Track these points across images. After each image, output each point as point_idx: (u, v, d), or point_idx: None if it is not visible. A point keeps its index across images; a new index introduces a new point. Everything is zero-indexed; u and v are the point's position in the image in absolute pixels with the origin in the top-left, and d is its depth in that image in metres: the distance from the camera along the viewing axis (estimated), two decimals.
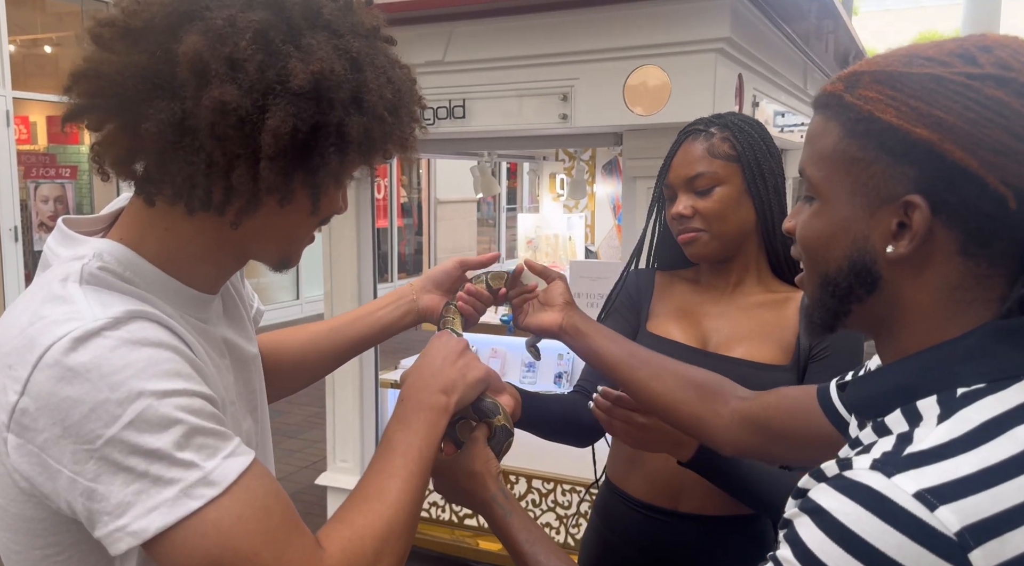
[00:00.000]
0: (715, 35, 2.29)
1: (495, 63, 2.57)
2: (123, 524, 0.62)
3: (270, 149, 0.67)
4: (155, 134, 0.66)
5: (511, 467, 3.18)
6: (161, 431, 0.62)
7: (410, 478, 0.75)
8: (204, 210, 0.71)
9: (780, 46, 3.01)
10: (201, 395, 0.67)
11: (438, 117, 2.69)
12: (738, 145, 1.26)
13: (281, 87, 0.67)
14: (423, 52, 2.64)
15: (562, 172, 4.30)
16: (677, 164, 1.29)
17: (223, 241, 0.76)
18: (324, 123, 0.69)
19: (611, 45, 2.40)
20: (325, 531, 0.70)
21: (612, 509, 1.35)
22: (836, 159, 0.65)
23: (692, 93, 2.33)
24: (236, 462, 0.65)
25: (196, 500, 0.62)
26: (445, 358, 0.90)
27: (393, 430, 0.81)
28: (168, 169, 0.69)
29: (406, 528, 0.73)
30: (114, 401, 0.61)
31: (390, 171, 9.96)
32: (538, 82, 2.53)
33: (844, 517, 0.56)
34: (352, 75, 0.70)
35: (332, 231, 3.14)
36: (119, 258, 0.72)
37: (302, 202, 0.74)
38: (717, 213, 1.25)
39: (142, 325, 0.67)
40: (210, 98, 0.65)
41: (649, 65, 2.37)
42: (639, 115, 2.40)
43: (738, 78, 2.58)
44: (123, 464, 0.61)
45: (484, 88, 2.61)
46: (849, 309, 0.68)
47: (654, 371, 1.07)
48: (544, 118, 2.54)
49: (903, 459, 0.57)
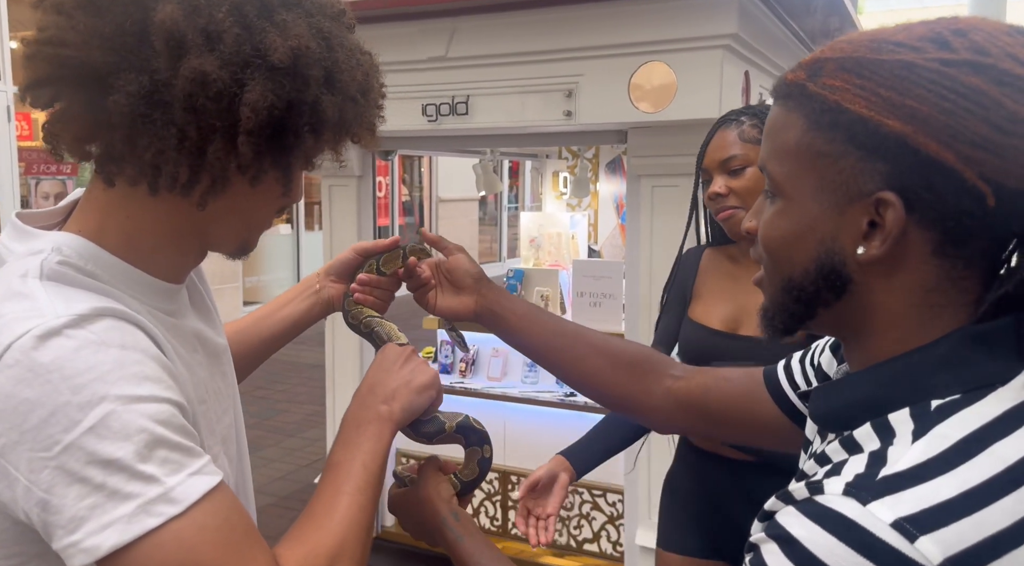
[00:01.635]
0: (722, 31, 2.26)
1: (499, 59, 2.54)
2: (76, 540, 0.58)
3: (249, 123, 0.65)
4: (124, 107, 0.63)
5: (513, 468, 3.15)
6: (123, 440, 0.58)
7: (356, 493, 0.73)
8: (169, 190, 0.68)
9: (786, 43, 2.98)
10: (172, 402, 0.63)
11: (441, 114, 2.66)
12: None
13: (261, 61, 0.65)
14: (426, 48, 2.61)
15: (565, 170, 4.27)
16: (712, 150, 1.47)
17: (185, 226, 0.73)
18: (300, 101, 0.67)
19: (616, 41, 2.37)
20: (279, 550, 0.68)
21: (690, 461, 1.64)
22: (800, 154, 0.60)
23: (698, 90, 2.30)
24: (202, 481, 0.62)
25: (154, 518, 0.58)
26: (388, 369, 0.87)
27: (334, 451, 0.79)
28: (135, 145, 0.65)
29: (358, 542, 0.71)
30: (75, 405, 0.58)
31: (392, 168, 9.94)
32: (542, 78, 2.50)
33: (815, 547, 0.52)
34: (326, 54, 0.69)
35: (333, 230, 3.11)
36: (79, 251, 0.68)
37: (272, 184, 0.72)
38: (750, 190, 1.40)
39: (110, 324, 0.63)
40: (189, 69, 0.63)
41: (655, 61, 2.34)
42: (645, 112, 2.37)
43: (744, 75, 2.55)
44: (79, 474, 0.58)
45: (487, 84, 2.58)
46: (814, 313, 0.63)
47: (581, 351, 1.01)
48: (548, 115, 2.51)
49: (878, 483, 0.52)
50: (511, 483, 3.16)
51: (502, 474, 3.17)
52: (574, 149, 4.14)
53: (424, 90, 2.66)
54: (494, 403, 3.16)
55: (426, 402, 0.88)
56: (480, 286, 1.05)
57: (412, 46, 2.63)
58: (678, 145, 2.48)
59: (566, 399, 3.04)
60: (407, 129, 2.75)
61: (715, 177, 1.45)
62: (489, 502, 3.22)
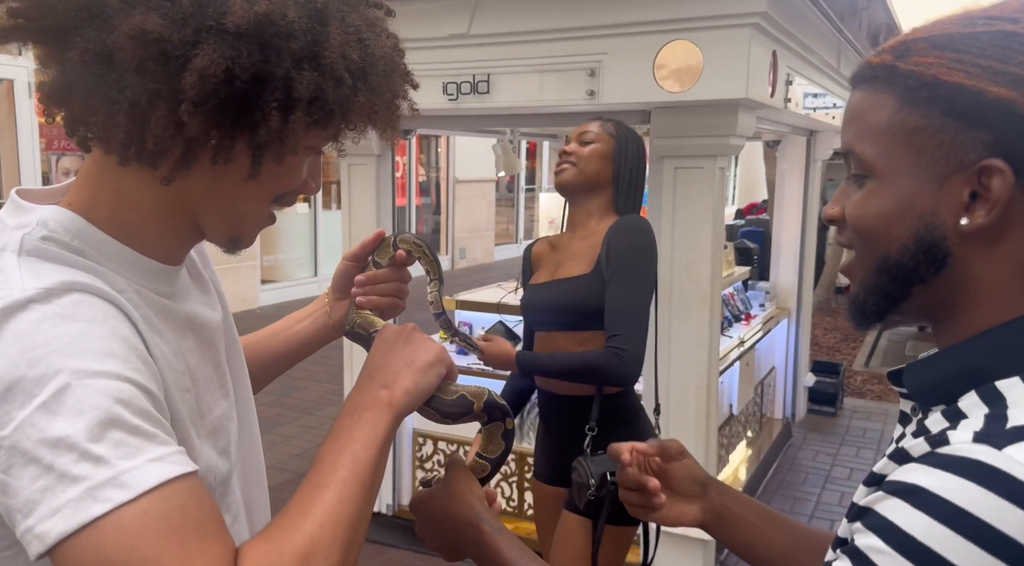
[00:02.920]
0: (751, 9, 2.20)
1: (521, 37, 2.50)
2: (30, 525, 0.53)
3: (192, 91, 0.59)
4: (79, 65, 0.60)
5: (529, 449, 3.14)
6: (75, 416, 0.54)
7: (341, 486, 0.64)
8: (136, 160, 0.64)
9: (815, 22, 2.91)
10: (135, 384, 0.58)
11: (461, 92, 2.62)
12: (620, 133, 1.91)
13: (215, 24, 0.60)
14: (447, 24, 2.57)
15: None
16: (578, 129, 1.94)
17: (173, 205, 0.69)
18: (269, 74, 0.62)
19: (641, 18, 2.32)
20: (245, 546, 0.60)
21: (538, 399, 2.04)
22: (893, 132, 0.61)
23: (725, 70, 2.25)
24: (161, 469, 0.55)
25: (100, 503, 0.53)
26: (387, 351, 0.78)
27: (323, 443, 0.70)
28: (92, 106, 0.62)
29: (336, 539, 0.61)
30: (31, 379, 0.54)
31: (409, 149, 9.90)
32: (565, 57, 2.46)
33: (951, 494, 0.50)
34: (310, 26, 0.63)
35: (352, 209, 3.10)
36: (67, 226, 0.65)
37: (242, 164, 0.66)
38: (586, 157, 1.88)
39: (78, 298, 0.59)
40: (130, 26, 0.59)
41: (681, 40, 2.29)
42: (669, 92, 2.32)
43: (772, 55, 2.49)
44: (32, 454, 0.53)
45: (509, 63, 2.54)
46: (909, 293, 0.63)
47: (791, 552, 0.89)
48: (571, 94, 2.47)
49: (1008, 431, 0.52)
50: (527, 464, 3.16)
51: (519, 455, 3.17)
52: None
53: (445, 68, 2.63)
54: None
55: (434, 381, 0.78)
56: (708, 491, 0.94)
57: (434, 23, 2.59)
58: (703, 126, 2.44)
59: None
60: (427, 108, 2.72)
61: (571, 142, 1.92)
62: (505, 483, 3.22)
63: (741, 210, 10.92)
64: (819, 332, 7.15)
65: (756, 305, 4.29)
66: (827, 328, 7.47)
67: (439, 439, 3.31)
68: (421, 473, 3.38)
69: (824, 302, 7.94)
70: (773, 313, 4.34)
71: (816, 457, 4.32)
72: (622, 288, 1.73)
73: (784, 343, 4.56)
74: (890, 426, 4.85)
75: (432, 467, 3.35)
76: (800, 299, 4.56)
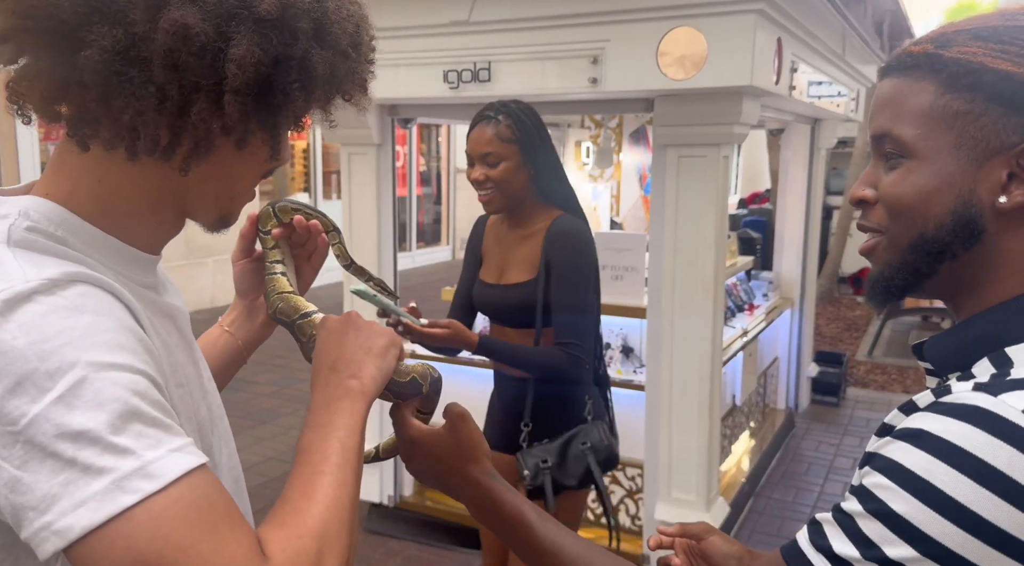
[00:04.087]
0: None
1: (523, 23, 2.46)
2: (49, 521, 0.52)
3: (236, 80, 0.60)
4: (98, 63, 0.58)
5: None
6: (95, 409, 0.53)
7: (335, 471, 0.66)
8: (149, 154, 0.63)
9: (820, 9, 2.88)
10: (147, 376, 0.58)
11: (462, 80, 2.59)
12: (517, 131, 1.82)
13: (246, 12, 0.60)
14: (448, 11, 2.54)
15: (588, 140, 4.19)
16: (473, 142, 1.86)
17: (163, 193, 0.68)
18: (288, 56, 0.63)
19: (645, 4, 2.29)
20: (261, 532, 0.61)
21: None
22: (934, 115, 0.66)
23: (730, 57, 2.22)
24: (184, 459, 0.55)
25: (130, 495, 0.52)
26: (340, 342, 0.78)
27: (303, 436, 0.71)
28: (111, 106, 0.60)
29: (343, 521, 0.64)
30: (43, 373, 0.53)
31: (409, 139, 9.86)
32: (567, 44, 2.42)
33: (950, 435, 0.56)
34: (314, 4, 0.65)
35: (352, 199, 3.07)
36: (48, 216, 0.63)
37: (259, 146, 0.67)
38: (504, 179, 1.83)
39: (83, 290, 0.58)
40: (169, 21, 0.58)
41: (685, 27, 2.26)
42: (673, 79, 2.29)
43: (777, 42, 2.46)
44: (50, 448, 0.52)
45: (511, 50, 2.51)
46: (936, 270, 0.68)
47: None
48: (573, 82, 2.44)
49: (1007, 382, 0.58)
50: None
51: None
52: (597, 118, 4.06)
53: (446, 56, 2.60)
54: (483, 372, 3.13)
55: (393, 363, 0.80)
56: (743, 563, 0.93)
57: (434, 10, 2.56)
58: (707, 114, 2.41)
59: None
60: (428, 96, 2.69)
61: (475, 164, 1.86)
62: None
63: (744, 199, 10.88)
64: (822, 322, 7.13)
65: (759, 295, 4.27)
66: (830, 318, 7.45)
67: None
68: None
69: (827, 292, 7.91)
70: (776, 303, 4.31)
71: (819, 447, 4.31)
72: (568, 295, 1.81)
73: (787, 333, 4.54)
74: None
75: None
76: (804, 289, 4.54)
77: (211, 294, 7.48)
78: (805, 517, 3.16)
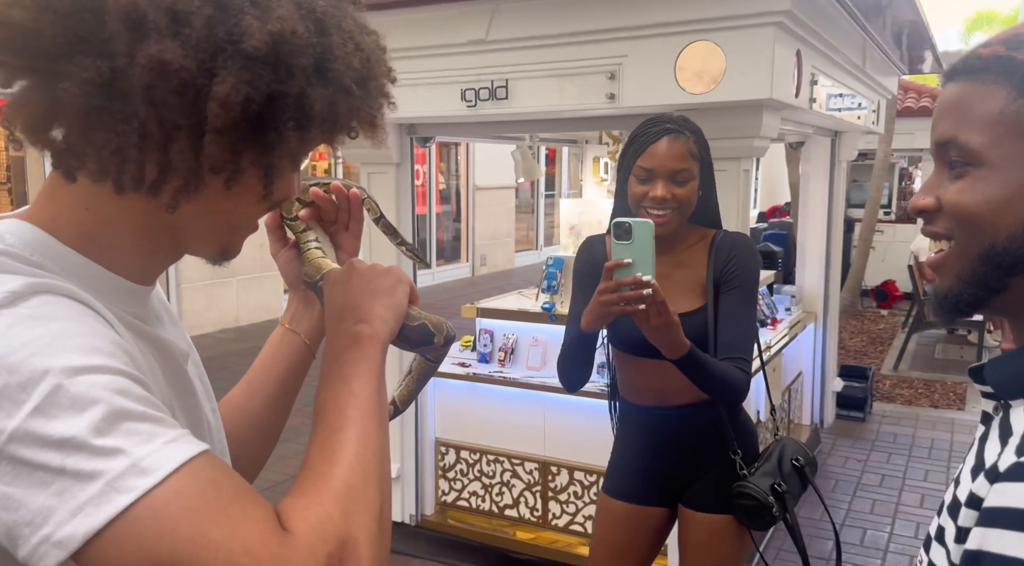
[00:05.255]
0: (774, 7, 2.16)
1: (540, 41, 2.47)
2: (47, 534, 0.50)
3: (218, 120, 0.58)
4: (76, 97, 0.56)
5: (553, 458, 3.11)
6: (75, 414, 0.51)
7: (354, 425, 0.64)
8: (135, 190, 0.60)
9: (839, 20, 2.87)
10: (127, 374, 0.55)
11: (480, 98, 2.61)
12: (702, 149, 1.70)
13: (232, 48, 0.57)
14: (465, 31, 2.56)
15: (606, 156, 4.18)
16: (664, 157, 1.64)
17: (154, 227, 0.65)
18: (282, 94, 0.60)
19: (662, 20, 2.29)
20: (282, 505, 0.59)
21: (626, 413, 1.91)
22: (1006, 122, 0.63)
23: (748, 70, 2.21)
24: (181, 449, 0.53)
25: (125, 494, 0.50)
26: (344, 292, 0.74)
27: (318, 394, 0.68)
28: (92, 139, 0.58)
29: (369, 476, 0.61)
30: (15, 386, 0.51)
31: (429, 157, 9.93)
32: (585, 60, 2.43)
33: None
34: (316, 39, 0.61)
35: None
36: (25, 240, 0.61)
37: (252, 185, 0.64)
38: (689, 200, 1.68)
39: (47, 299, 0.56)
40: (146, 56, 0.56)
41: (703, 41, 2.26)
42: (692, 94, 2.29)
43: (796, 54, 2.45)
44: (36, 461, 0.50)
45: (528, 67, 2.52)
46: (1007, 284, 0.64)
47: None
48: (590, 98, 2.44)
49: None
50: (551, 473, 3.12)
51: (542, 464, 3.13)
52: (615, 134, 4.06)
53: (463, 74, 2.61)
54: (533, 393, 3.12)
55: (404, 300, 0.76)
56: None
57: (452, 29, 2.58)
58: (726, 128, 2.40)
59: (606, 389, 2.98)
60: (446, 114, 2.71)
61: (659, 181, 1.65)
62: (529, 492, 3.18)
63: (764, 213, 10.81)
64: (845, 335, 7.03)
65: (782, 309, 4.22)
66: (854, 331, 7.35)
67: (461, 448, 3.29)
68: (444, 483, 3.36)
69: (851, 305, 7.82)
70: (799, 317, 4.27)
71: (846, 463, 4.23)
72: (740, 307, 1.68)
73: (811, 348, 4.49)
74: (922, 431, 4.74)
75: (455, 476, 3.33)
76: (827, 302, 4.48)
77: (235, 313, 7.53)
78: (832, 534, 3.10)
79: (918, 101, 8.66)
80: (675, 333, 1.49)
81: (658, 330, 1.47)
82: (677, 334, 1.50)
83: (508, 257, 12.34)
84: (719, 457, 1.77)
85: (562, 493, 3.12)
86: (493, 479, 3.25)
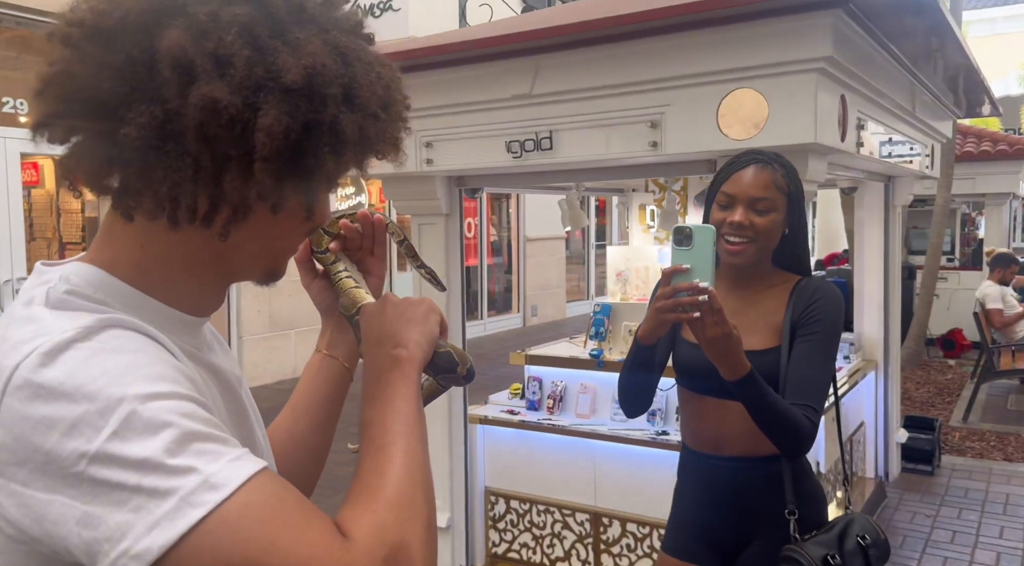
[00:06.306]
0: (815, 54, 2.18)
1: (583, 93, 2.53)
2: (126, 547, 0.54)
3: (265, 149, 0.63)
4: (136, 140, 0.62)
5: (604, 509, 3.05)
6: (149, 436, 0.56)
7: (399, 439, 0.69)
8: (189, 223, 0.66)
9: (885, 66, 2.86)
10: (191, 399, 0.61)
11: (525, 149, 2.67)
12: (791, 184, 1.65)
13: (273, 83, 0.63)
14: (510, 86, 2.64)
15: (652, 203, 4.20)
16: (748, 184, 1.61)
17: (205, 256, 0.71)
18: (317, 122, 0.66)
19: (703, 69, 2.33)
20: (338, 517, 0.63)
21: (685, 461, 1.82)
22: None
23: (792, 116, 2.22)
24: (245, 466, 0.58)
25: (198, 508, 0.55)
26: (380, 322, 0.80)
27: (363, 413, 0.73)
28: (150, 178, 0.64)
29: (416, 486, 0.66)
30: (94, 412, 0.56)
31: (480, 209, 10.08)
32: (627, 110, 2.47)
33: None
34: (343, 70, 0.67)
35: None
36: (88, 279, 0.67)
37: (295, 208, 0.71)
38: (768, 231, 1.62)
39: (117, 333, 0.62)
40: (198, 96, 0.61)
41: (744, 88, 2.28)
42: (735, 140, 2.30)
43: (840, 100, 2.45)
44: (114, 480, 0.55)
45: (572, 119, 2.58)
46: None
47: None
48: (633, 146, 2.48)
49: None
50: (603, 525, 3.06)
51: (594, 515, 3.08)
52: (661, 181, 4.08)
53: (508, 127, 2.69)
54: (583, 441, 3.09)
55: (436, 327, 0.82)
56: None
57: (497, 85, 2.66)
58: None
59: (658, 438, 2.94)
60: (492, 166, 2.77)
61: (739, 207, 1.61)
62: (580, 544, 3.12)
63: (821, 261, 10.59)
64: (911, 386, 6.77)
65: (841, 357, 4.11)
66: (919, 382, 7.07)
67: (511, 498, 3.26)
68: (495, 534, 3.32)
69: (915, 354, 7.54)
70: (859, 365, 4.14)
71: (914, 519, 4.04)
72: (816, 353, 1.58)
73: (872, 397, 4.33)
74: (995, 485, 4.50)
75: (505, 526, 3.29)
76: (887, 350, 4.35)
77: (293, 365, 7.68)
78: None
79: (978, 145, 8.46)
80: (734, 349, 1.41)
81: (715, 342, 1.40)
82: (736, 351, 1.42)
83: (559, 307, 12.32)
84: (778, 519, 1.63)
85: (614, 546, 3.05)
86: (544, 530, 3.21)
